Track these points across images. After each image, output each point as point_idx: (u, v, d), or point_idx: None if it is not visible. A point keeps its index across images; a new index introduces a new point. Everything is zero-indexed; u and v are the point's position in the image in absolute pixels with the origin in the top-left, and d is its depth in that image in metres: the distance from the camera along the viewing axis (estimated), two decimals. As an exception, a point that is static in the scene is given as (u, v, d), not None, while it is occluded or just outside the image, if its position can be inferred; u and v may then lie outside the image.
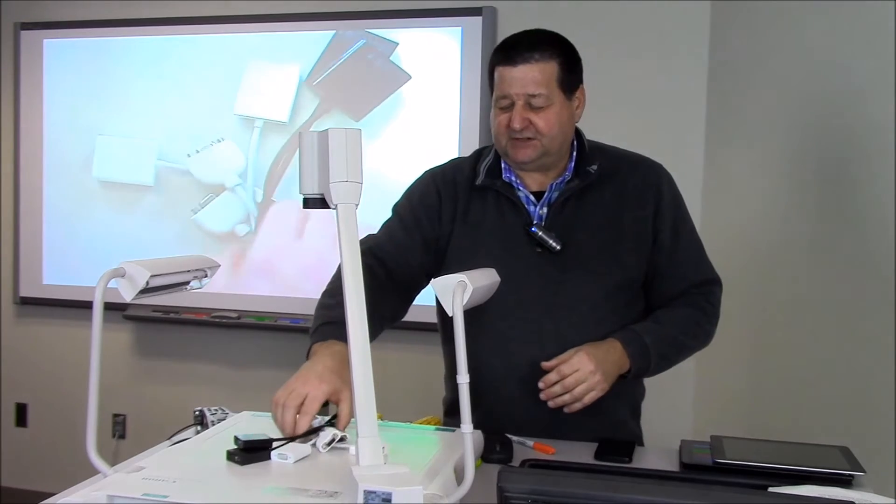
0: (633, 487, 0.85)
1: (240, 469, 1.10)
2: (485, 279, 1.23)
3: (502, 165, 1.62)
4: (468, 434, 1.07)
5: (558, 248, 1.54)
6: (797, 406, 2.17)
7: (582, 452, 1.46)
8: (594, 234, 1.57)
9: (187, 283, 1.26)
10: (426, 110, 3.17)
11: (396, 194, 1.73)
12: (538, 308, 1.55)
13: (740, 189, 2.68)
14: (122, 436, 3.59)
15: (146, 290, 1.13)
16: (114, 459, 1.32)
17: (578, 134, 1.63)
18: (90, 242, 3.54)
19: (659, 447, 1.55)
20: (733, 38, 2.79)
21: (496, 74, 1.54)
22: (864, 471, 1.31)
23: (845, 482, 1.28)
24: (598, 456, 1.43)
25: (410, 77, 3.17)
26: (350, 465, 0.96)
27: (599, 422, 1.56)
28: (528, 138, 1.52)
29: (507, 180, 1.60)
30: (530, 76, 1.50)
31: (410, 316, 1.75)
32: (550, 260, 1.56)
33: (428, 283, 1.35)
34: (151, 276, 1.12)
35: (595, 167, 1.58)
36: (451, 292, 1.10)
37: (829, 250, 2.15)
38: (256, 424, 1.36)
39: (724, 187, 2.76)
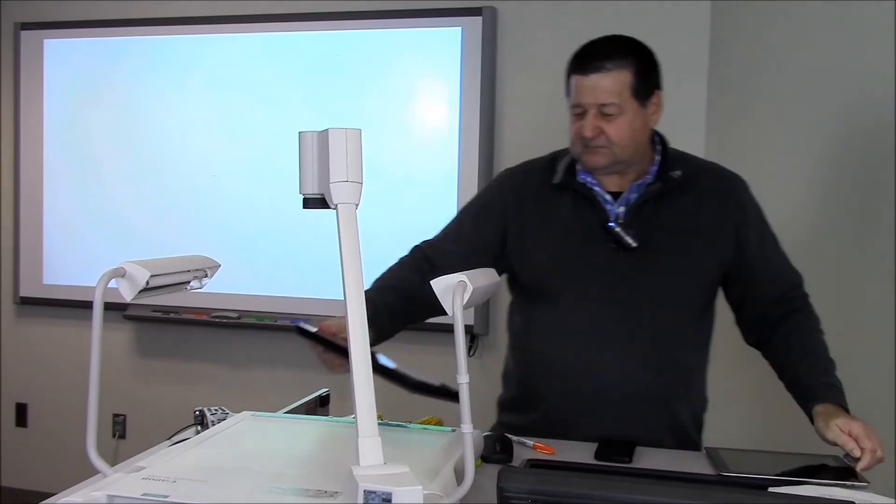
0: (633, 487, 0.86)
1: (240, 469, 1.10)
2: (484, 279, 1.22)
3: (577, 166, 1.63)
4: (468, 434, 1.07)
5: (634, 245, 1.56)
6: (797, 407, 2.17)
7: (582, 452, 1.46)
8: (671, 235, 1.58)
9: (187, 283, 1.26)
10: (426, 110, 3.17)
11: (395, 193, 1.72)
12: (612, 303, 1.58)
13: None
14: (122, 436, 3.60)
15: (146, 290, 1.13)
16: (114, 459, 1.31)
17: (662, 138, 1.66)
18: (90, 242, 3.54)
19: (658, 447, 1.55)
20: (734, 39, 2.79)
21: (571, 82, 1.56)
22: (867, 482, 1.31)
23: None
24: (598, 456, 1.43)
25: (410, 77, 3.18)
26: (350, 465, 0.96)
27: (665, 423, 1.59)
28: (600, 146, 1.54)
29: (582, 180, 1.62)
30: (602, 85, 1.51)
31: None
32: (626, 257, 1.57)
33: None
34: (151, 276, 1.11)
35: (679, 173, 1.60)
36: (451, 292, 1.10)
37: (829, 250, 2.16)
38: (257, 425, 1.36)
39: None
